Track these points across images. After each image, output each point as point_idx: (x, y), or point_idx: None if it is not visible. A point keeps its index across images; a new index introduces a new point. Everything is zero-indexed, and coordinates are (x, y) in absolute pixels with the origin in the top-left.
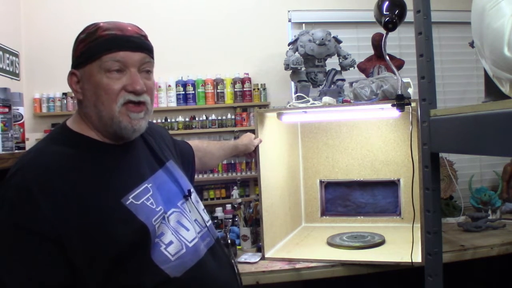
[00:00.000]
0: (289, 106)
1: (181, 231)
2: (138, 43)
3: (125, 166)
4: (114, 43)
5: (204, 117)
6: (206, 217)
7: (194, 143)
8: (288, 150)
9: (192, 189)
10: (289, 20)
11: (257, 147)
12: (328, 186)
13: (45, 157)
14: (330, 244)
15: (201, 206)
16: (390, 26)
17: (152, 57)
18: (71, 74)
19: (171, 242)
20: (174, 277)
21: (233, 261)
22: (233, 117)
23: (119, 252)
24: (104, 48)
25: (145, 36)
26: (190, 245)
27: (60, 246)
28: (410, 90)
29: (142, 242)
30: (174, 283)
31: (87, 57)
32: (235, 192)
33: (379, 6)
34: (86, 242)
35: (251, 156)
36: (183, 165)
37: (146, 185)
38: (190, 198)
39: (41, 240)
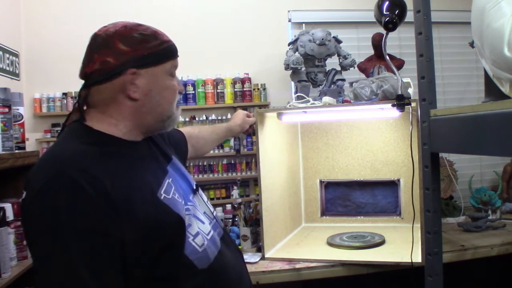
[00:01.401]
0: (289, 106)
1: (198, 224)
2: None
3: (150, 162)
4: (175, 51)
5: (204, 117)
6: (212, 208)
7: (186, 130)
8: (288, 150)
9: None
10: (289, 20)
11: (254, 126)
12: (328, 186)
13: (84, 157)
14: (330, 244)
15: (205, 198)
16: (390, 26)
17: None
18: (133, 73)
19: (197, 233)
20: (201, 269)
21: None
22: None
23: (162, 246)
24: (170, 55)
25: None
26: (208, 237)
27: (120, 245)
28: (410, 90)
29: (179, 234)
30: (202, 275)
31: (154, 60)
32: (235, 192)
33: (379, 6)
34: (136, 239)
35: (248, 132)
36: (177, 154)
37: (168, 180)
38: (198, 191)
39: (105, 241)
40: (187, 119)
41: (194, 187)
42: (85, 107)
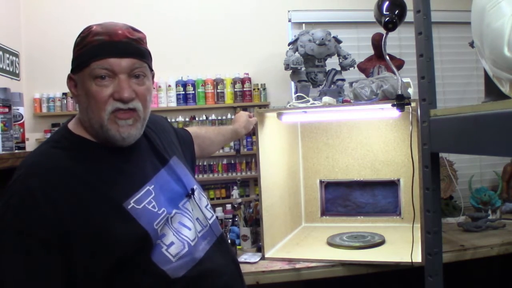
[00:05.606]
0: (289, 106)
1: (182, 230)
2: (127, 49)
3: (126, 169)
4: (102, 49)
5: (204, 117)
6: (209, 214)
7: (192, 129)
8: (288, 150)
9: (195, 186)
10: (289, 20)
11: (255, 129)
12: (328, 186)
13: (47, 162)
14: (330, 244)
15: (204, 203)
16: (390, 26)
17: (146, 61)
18: (69, 78)
19: (172, 243)
20: (175, 278)
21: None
22: (233, 117)
23: (120, 257)
24: (92, 55)
25: (137, 40)
26: (192, 243)
27: (62, 253)
28: (410, 90)
29: (142, 246)
30: (175, 284)
31: (79, 64)
32: (235, 192)
33: (379, 6)
34: (87, 248)
35: (250, 133)
36: (184, 154)
37: (148, 187)
38: (193, 196)
39: (45, 247)
40: (187, 119)
41: (190, 192)
42: None
